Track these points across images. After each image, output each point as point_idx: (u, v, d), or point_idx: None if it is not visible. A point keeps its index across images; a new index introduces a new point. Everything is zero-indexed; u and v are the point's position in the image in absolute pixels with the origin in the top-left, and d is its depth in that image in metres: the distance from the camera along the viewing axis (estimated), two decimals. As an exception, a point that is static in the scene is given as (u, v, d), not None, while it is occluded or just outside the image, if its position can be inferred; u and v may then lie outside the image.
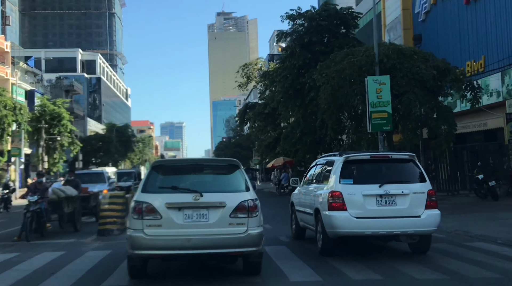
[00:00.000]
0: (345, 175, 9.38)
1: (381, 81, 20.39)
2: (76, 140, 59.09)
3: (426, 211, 9.15)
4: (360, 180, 9.40)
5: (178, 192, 7.42)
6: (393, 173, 9.69)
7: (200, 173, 8.20)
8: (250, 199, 7.42)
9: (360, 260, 9.11)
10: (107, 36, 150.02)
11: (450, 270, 8.24)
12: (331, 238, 9.38)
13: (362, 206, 9.08)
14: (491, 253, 9.73)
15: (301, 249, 10.69)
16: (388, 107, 20.35)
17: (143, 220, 7.18)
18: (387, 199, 9.10)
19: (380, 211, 9.09)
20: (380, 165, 9.78)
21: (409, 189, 9.20)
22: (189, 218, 7.24)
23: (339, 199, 9.11)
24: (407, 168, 9.68)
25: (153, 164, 8.01)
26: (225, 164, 8.27)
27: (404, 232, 9.08)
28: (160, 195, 7.40)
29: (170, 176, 7.82)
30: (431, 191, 9.34)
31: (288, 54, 32.48)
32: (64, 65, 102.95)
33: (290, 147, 34.27)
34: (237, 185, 7.69)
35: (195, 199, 7.27)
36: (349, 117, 22.88)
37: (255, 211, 7.39)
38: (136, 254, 7.29)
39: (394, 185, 9.23)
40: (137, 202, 7.33)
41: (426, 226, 9.15)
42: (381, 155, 10.27)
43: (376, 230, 9.08)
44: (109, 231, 13.64)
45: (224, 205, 7.31)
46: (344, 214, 9.05)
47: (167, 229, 7.18)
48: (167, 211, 7.20)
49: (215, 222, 7.25)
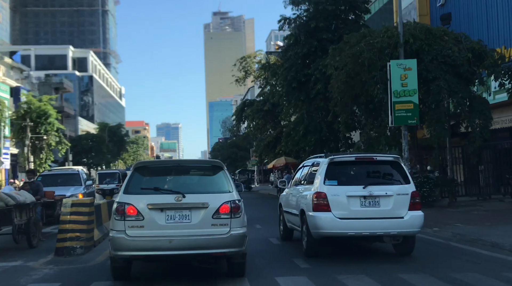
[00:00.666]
0: (329, 176, 9.45)
1: (406, 66, 17.31)
2: (64, 140, 55.73)
3: (409, 212, 9.21)
4: (344, 181, 9.50)
5: (161, 193, 7.41)
6: (377, 174, 9.85)
7: (183, 174, 8.11)
8: (233, 200, 7.40)
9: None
10: (101, 34, 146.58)
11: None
12: (315, 238, 9.45)
13: (346, 207, 9.17)
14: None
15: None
16: (414, 97, 17.27)
17: (125, 221, 7.18)
18: (370, 200, 9.19)
19: (363, 212, 9.18)
20: (364, 167, 9.86)
21: (393, 191, 9.29)
22: (172, 219, 7.24)
23: (323, 200, 9.20)
24: (391, 169, 9.74)
25: (135, 165, 7.96)
26: (208, 165, 8.36)
27: (387, 233, 9.18)
28: (142, 196, 7.37)
29: (153, 177, 7.84)
30: (414, 193, 9.40)
31: (291, 43, 29.31)
32: (54, 62, 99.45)
33: (293, 146, 31.13)
34: (220, 186, 7.69)
35: (177, 200, 7.25)
36: (365, 111, 19.68)
37: (238, 212, 7.37)
38: (118, 255, 7.28)
39: (378, 186, 9.36)
40: (119, 203, 7.30)
41: (409, 227, 9.20)
42: (365, 157, 10.32)
43: (359, 231, 9.17)
44: (69, 250, 10.40)
45: (206, 206, 7.30)
46: (328, 214, 9.15)
47: (149, 230, 7.18)
48: (149, 212, 7.21)
49: (197, 223, 7.25)
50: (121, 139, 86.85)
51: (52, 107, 54.96)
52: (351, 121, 19.83)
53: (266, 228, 14.44)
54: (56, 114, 54.01)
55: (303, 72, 27.97)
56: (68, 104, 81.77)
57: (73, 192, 17.62)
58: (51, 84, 77.91)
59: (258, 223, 15.73)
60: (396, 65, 17.29)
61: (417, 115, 17.32)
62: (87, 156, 72.31)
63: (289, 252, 10.23)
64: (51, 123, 52.79)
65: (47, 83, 78.27)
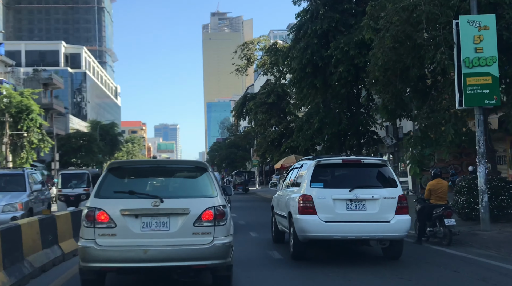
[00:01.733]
0: (316, 179, 9.35)
1: (481, 24, 12.16)
2: (47, 137, 50.41)
3: (396, 216, 9.08)
4: (330, 184, 9.43)
5: (136, 197, 6.59)
6: (364, 177, 9.60)
7: (162, 176, 7.36)
8: (217, 205, 6.59)
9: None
10: (96, 32, 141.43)
11: None
12: (302, 241, 9.33)
13: (332, 210, 9.06)
14: None
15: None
16: (493, 68, 12.11)
17: (95, 229, 6.39)
18: (357, 203, 9.08)
19: (349, 215, 9.06)
20: (351, 169, 9.79)
21: (380, 194, 9.15)
22: (148, 227, 6.45)
23: (309, 203, 9.09)
24: (378, 172, 9.59)
25: (109, 165, 7.19)
26: (191, 166, 7.51)
27: (373, 236, 9.12)
28: (115, 200, 6.60)
29: (128, 179, 7.13)
30: (402, 196, 9.22)
31: (306, 19, 24.14)
32: (46, 58, 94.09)
33: (305, 141, 26.05)
34: (203, 189, 6.86)
35: (154, 205, 6.48)
36: (416, 90, 14.41)
37: (222, 219, 6.56)
38: (87, 267, 6.47)
39: (365, 189, 9.19)
40: (89, 208, 6.53)
41: (396, 231, 9.08)
42: (352, 159, 10.22)
43: (345, 234, 9.05)
44: None
45: (187, 212, 6.51)
46: (314, 217, 9.05)
47: (122, 238, 6.39)
48: (122, 218, 6.42)
49: (176, 231, 6.46)
50: (114, 138, 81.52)
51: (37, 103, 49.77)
52: (398, 104, 14.55)
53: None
54: (39, 110, 48.78)
55: (320, 54, 22.82)
56: (58, 101, 76.47)
57: (9, 200, 12.40)
58: (40, 80, 72.63)
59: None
60: (467, 23, 12.17)
61: (497, 93, 12.18)
62: (76, 155, 66.99)
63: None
64: (33, 119, 47.56)
65: (35, 78, 73.05)
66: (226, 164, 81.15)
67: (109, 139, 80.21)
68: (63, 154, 66.41)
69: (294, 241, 9.46)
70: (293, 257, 9.58)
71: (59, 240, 9.38)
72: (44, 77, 73.44)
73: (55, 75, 74.64)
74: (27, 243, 7.95)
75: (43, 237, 8.63)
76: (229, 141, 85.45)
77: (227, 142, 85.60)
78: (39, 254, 8.38)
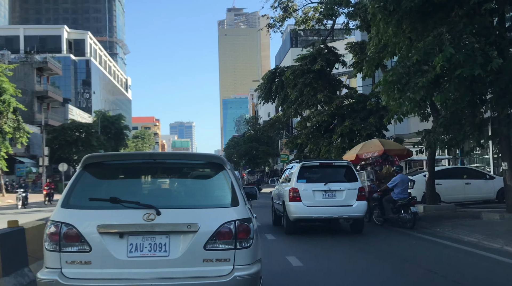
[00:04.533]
0: (301, 176, 12.76)
1: None
2: (24, 125, 39.17)
3: (357, 202, 12.40)
4: (311, 180, 12.71)
5: (121, 208, 4.34)
6: (335, 175, 12.93)
7: (159, 176, 5.00)
8: (239, 219, 4.37)
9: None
10: (106, 22, 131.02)
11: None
12: (292, 221, 12.74)
13: (312, 198, 12.44)
14: None
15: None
16: None
17: (62, 253, 4.25)
18: (329, 193, 12.49)
19: (324, 201, 12.45)
20: (326, 169, 13.17)
21: (345, 186, 12.50)
22: (137, 251, 4.28)
23: (296, 193, 12.47)
24: (345, 171, 12.97)
25: (84, 160, 4.70)
26: (203, 161, 4.99)
27: (341, 216, 12.59)
28: (90, 211, 4.37)
29: (110, 180, 4.81)
30: (361, 188, 12.63)
31: None
32: (47, 44, 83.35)
33: (410, 102, 14.07)
34: (219, 195, 4.64)
35: (147, 218, 4.28)
36: None
37: (247, 238, 4.37)
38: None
39: (335, 183, 12.54)
40: (54, 222, 4.33)
41: (357, 212, 12.45)
42: (326, 163, 13.71)
43: (321, 215, 12.52)
44: None
45: (195, 229, 4.30)
46: (300, 203, 12.42)
47: (100, 268, 4.21)
48: (100, 238, 4.25)
49: (180, 257, 4.27)
50: (119, 132, 70.27)
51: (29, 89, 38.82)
52: None
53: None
54: (13, 90, 37.61)
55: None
56: (54, 88, 65.53)
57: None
58: (33, 64, 61.80)
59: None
60: None
61: None
62: (72, 150, 55.85)
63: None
64: (6, 102, 36.48)
65: (28, 62, 62.20)
66: (246, 160, 69.54)
67: (113, 133, 69.15)
68: (57, 148, 55.43)
69: (286, 220, 13.02)
70: (286, 232, 12.99)
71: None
72: (38, 61, 62.60)
73: (51, 59, 63.51)
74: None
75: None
76: (248, 135, 73.87)
77: (246, 136, 73.95)
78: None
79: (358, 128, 23.40)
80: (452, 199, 19.08)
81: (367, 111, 24.13)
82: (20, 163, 52.26)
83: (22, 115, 58.98)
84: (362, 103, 24.31)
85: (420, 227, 13.55)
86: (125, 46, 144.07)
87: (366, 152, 15.30)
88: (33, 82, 61.61)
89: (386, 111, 24.71)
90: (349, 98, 25.27)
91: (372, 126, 23.31)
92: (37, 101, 62.15)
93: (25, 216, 18.52)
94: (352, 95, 24.81)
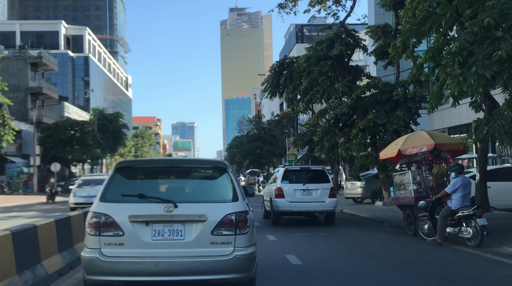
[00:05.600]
0: (285, 178, 15.57)
1: None
2: (10, 121, 35.90)
3: (329, 199, 15.23)
4: (293, 181, 15.49)
5: (147, 202, 5.59)
6: (312, 177, 15.76)
7: (176, 177, 6.29)
8: (238, 212, 5.61)
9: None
10: (107, 19, 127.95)
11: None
12: (277, 213, 15.63)
13: (293, 196, 15.23)
14: None
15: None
16: None
17: (101, 237, 5.46)
18: (307, 192, 15.28)
19: (303, 198, 15.24)
20: (305, 173, 16.08)
21: (320, 186, 15.29)
22: (159, 235, 5.49)
23: (280, 192, 15.27)
24: (320, 174, 15.86)
25: (117, 164, 6.13)
26: (209, 165, 6.50)
27: (316, 210, 15.45)
28: (123, 205, 5.61)
29: (138, 180, 6.12)
30: (332, 188, 15.55)
31: None
32: (44, 40, 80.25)
33: (479, 82, 10.64)
34: (222, 193, 5.88)
35: (167, 210, 5.52)
36: None
37: (245, 226, 5.60)
38: (91, 280, 5.53)
39: (312, 184, 15.36)
40: (94, 213, 5.57)
41: (329, 207, 15.30)
42: (305, 167, 17.33)
43: (300, 209, 15.37)
44: None
45: (204, 219, 5.53)
46: (283, 200, 15.27)
47: (131, 248, 5.44)
48: (131, 225, 5.47)
49: (192, 241, 5.49)
50: (118, 131, 66.89)
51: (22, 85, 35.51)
52: None
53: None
54: None
55: None
56: (49, 85, 62.38)
57: None
58: (26, 59, 58.59)
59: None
60: None
61: None
62: (66, 149, 52.56)
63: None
64: (-11, 96, 33.27)
65: (22, 57, 59.01)
66: (250, 160, 66.19)
67: (111, 132, 65.79)
68: (50, 147, 52.16)
69: (273, 213, 15.88)
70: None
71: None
72: (33, 56, 59.36)
73: (46, 53, 60.26)
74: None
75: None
76: (252, 134, 70.53)
77: (250, 135, 70.60)
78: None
79: (383, 122, 20.07)
80: (504, 205, 15.77)
81: (393, 102, 20.80)
82: (11, 163, 49.04)
83: (15, 113, 55.94)
84: (387, 94, 20.97)
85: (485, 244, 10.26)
86: (126, 44, 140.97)
87: (411, 147, 11.91)
88: (27, 78, 58.40)
89: (415, 103, 21.50)
90: (371, 89, 21.94)
91: (400, 119, 19.99)
92: (31, 98, 58.99)
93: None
94: (376, 85, 21.47)
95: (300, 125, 42.74)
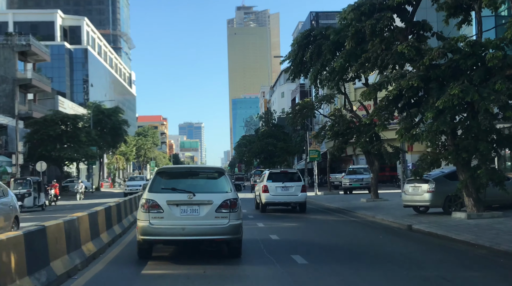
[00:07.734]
0: (269, 178, 20.57)
1: None
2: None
3: (301, 193, 20.25)
4: (275, 180, 20.38)
5: (176, 192, 9.35)
6: (289, 177, 20.80)
7: (194, 177, 10.38)
8: (231, 198, 9.33)
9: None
10: (110, 14, 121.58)
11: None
12: (264, 204, 20.58)
13: (275, 191, 20.18)
14: None
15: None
16: None
17: (149, 213, 9.17)
18: (285, 188, 20.17)
19: (282, 193, 20.21)
20: (284, 174, 21.42)
21: (295, 184, 20.28)
22: (185, 212, 9.21)
23: (266, 188, 20.20)
24: (295, 175, 21.10)
25: (157, 170, 10.17)
26: (213, 171, 10.51)
27: (292, 201, 20.55)
28: (162, 194, 9.33)
29: (170, 179, 9.87)
30: (303, 185, 20.55)
31: None
32: (39, 31, 73.61)
33: None
34: (222, 187, 9.66)
35: (189, 197, 9.20)
36: None
37: (235, 208, 9.32)
38: (144, 239, 9.29)
39: (289, 182, 20.31)
40: (146, 199, 9.28)
41: (300, 199, 20.36)
42: (284, 170, 23.27)
43: (280, 200, 20.57)
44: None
45: (211, 203, 9.24)
46: (268, 194, 20.20)
47: (168, 220, 9.16)
48: (167, 206, 9.17)
49: (204, 215, 9.21)
50: (117, 127, 60.11)
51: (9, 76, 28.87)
52: None
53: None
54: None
55: None
56: (40, 76, 55.79)
57: None
58: (14, 47, 52.17)
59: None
60: None
61: None
62: (56, 146, 45.99)
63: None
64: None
65: (9, 45, 52.58)
66: (261, 159, 59.43)
67: (109, 128, 59.14)
68: (37, 145, 45.66)
69: (261, 204, 20.72)
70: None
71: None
72: (20, 44, 52.94)
73: (35, 41, 53.75)
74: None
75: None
76: (263, 131, 63.80)
77: (262, 131, 63.85)
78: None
79: (473, 97, 13.31)
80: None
81: (484, 70, 14.05)
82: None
83: (2, 106, 49.57)
84: (475, 58, 14.18)
85: None
86: (130, 40, 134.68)
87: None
88: (15, 68, 52.03)
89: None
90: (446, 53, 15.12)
91: (500, 94, 13.24)
92: (21, 90, 52.61)
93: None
94: (455, 47, 14.68)
95: (324, 117, 35.94)
